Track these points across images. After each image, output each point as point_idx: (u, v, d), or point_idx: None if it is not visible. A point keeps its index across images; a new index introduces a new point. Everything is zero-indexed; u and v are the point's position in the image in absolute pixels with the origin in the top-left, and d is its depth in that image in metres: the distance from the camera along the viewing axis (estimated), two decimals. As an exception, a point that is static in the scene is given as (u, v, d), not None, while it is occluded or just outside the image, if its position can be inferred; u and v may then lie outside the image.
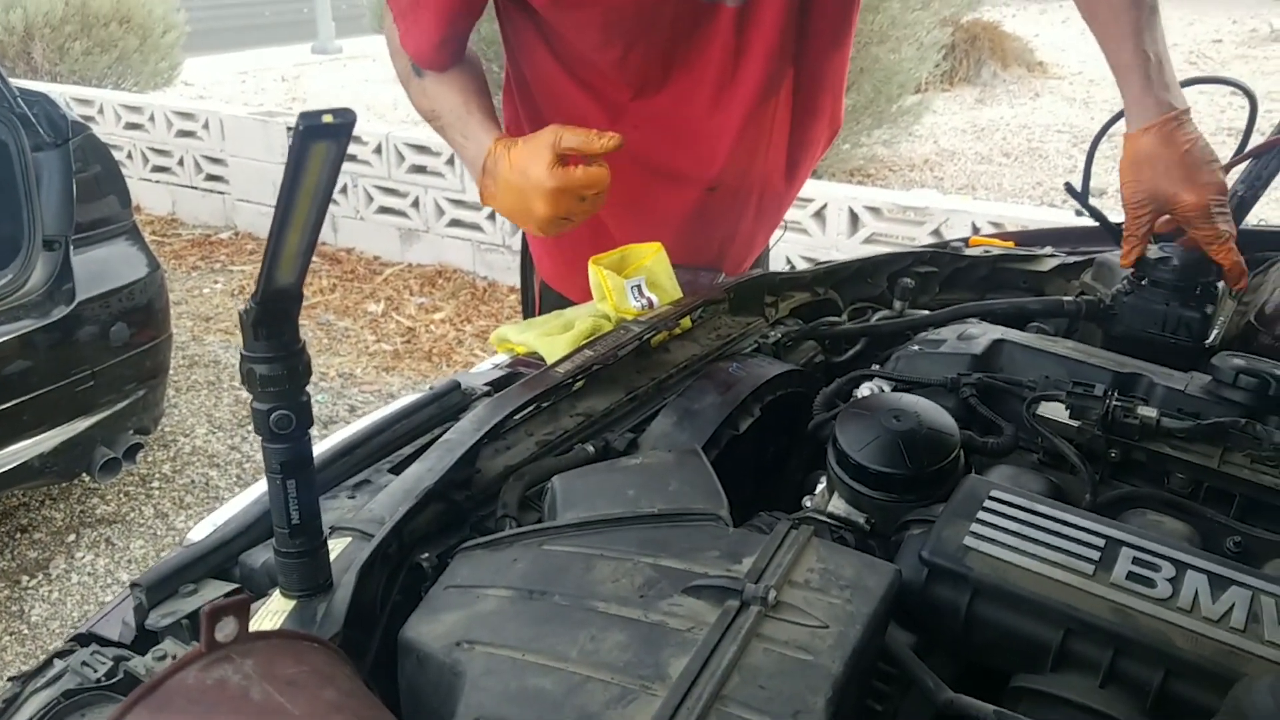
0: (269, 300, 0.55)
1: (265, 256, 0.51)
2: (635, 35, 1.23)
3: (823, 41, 1.31)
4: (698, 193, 1.36)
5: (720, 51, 1.25)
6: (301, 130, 0.45)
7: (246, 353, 0.58)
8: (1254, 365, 0.87)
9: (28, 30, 6.93)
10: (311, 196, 0.48)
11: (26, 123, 2.40)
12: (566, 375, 0.95)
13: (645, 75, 1.28)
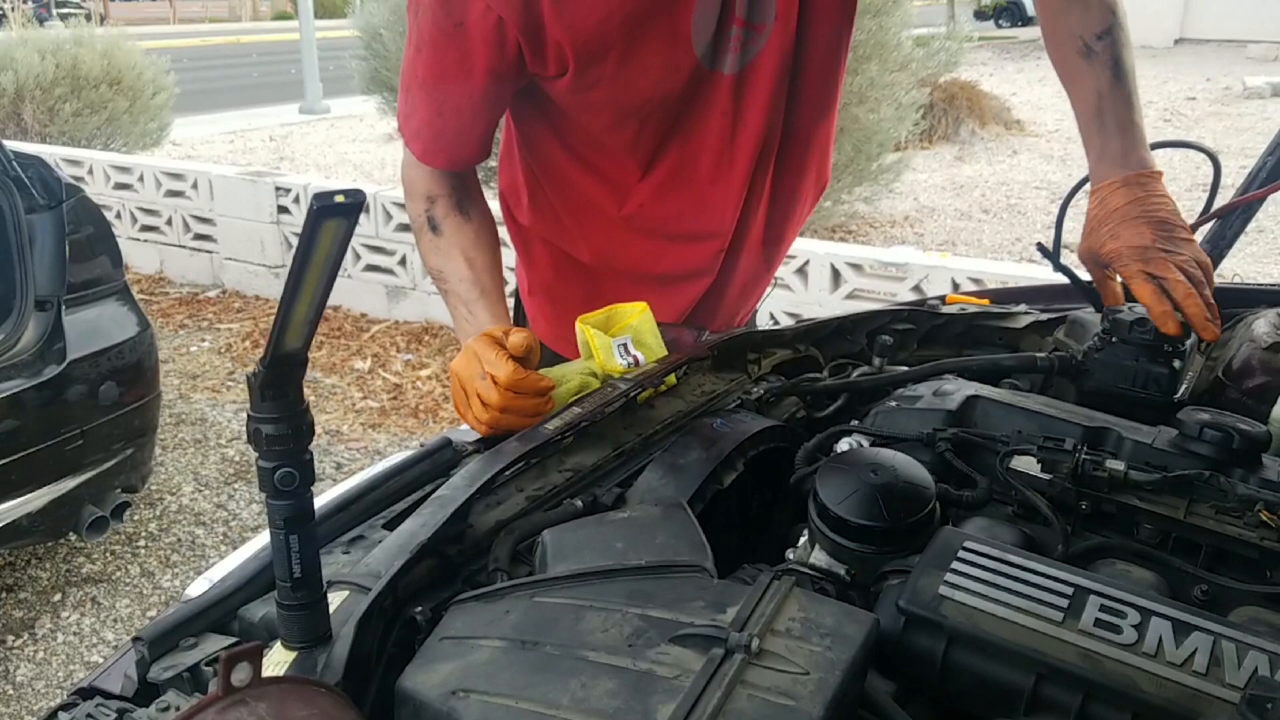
0: (276, 364, 0.58)
1: (275, 323, 0.54)
2: (647, 113, 1.27)
3: (810, 106, 1.36)
4: (701, 257, 1.40)
5: (720, 119, 1.30)
6: (315, 209, 0.48)
7: (254, 413, 0.61)
8: (1218, 420, 0.91)
9: (18, 92, 7.01)
10: (321, 269, 0.51)
11: (21, 185, 2.44)
12: (556, 432, 0.98)
13: (652, 152, 1.32)
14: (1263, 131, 9.30)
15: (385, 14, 5.25)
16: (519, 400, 1.09)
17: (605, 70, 1.22)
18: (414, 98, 1.27)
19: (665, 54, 1.23)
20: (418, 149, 1.30)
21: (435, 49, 1.21)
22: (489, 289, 1.27)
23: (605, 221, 1.40)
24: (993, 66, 15.71)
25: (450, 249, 1.29)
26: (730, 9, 1.23)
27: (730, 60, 1.26)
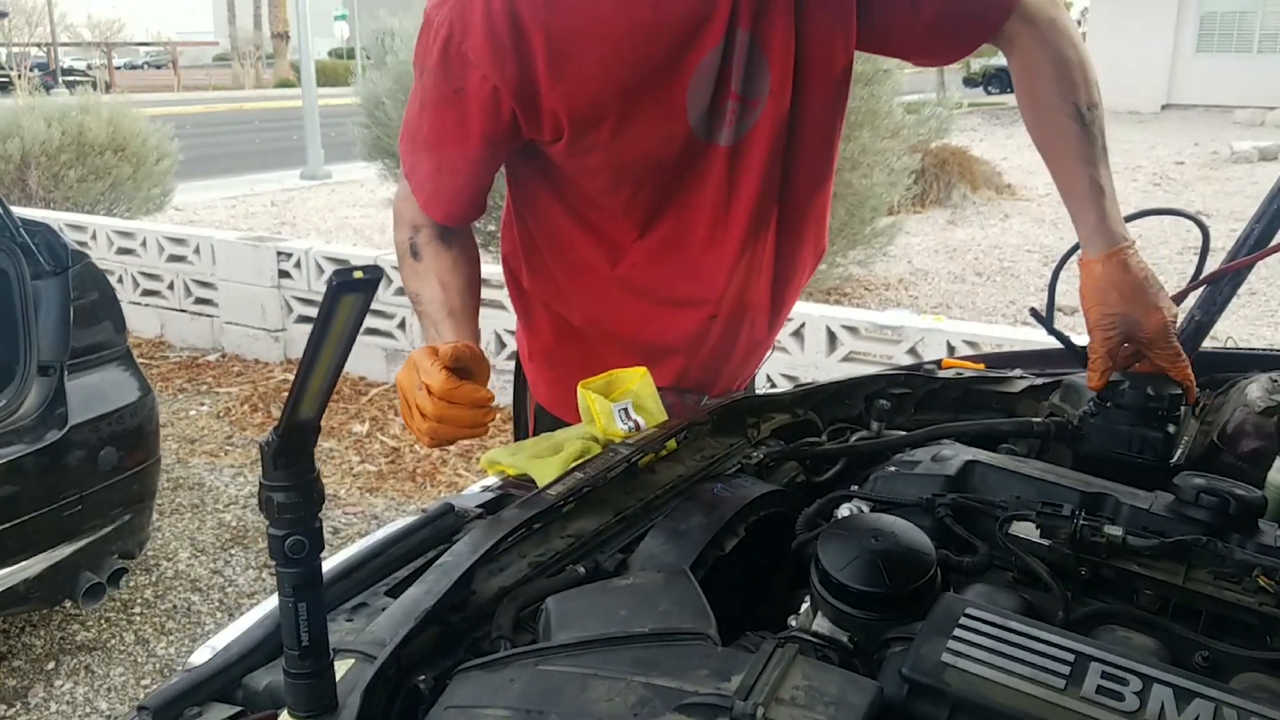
0: (290, 433, 0.59)
1: (290, 394, 0.56)
2: (642, 177, 1.31)
3: (806, 176, 1.39)
4: (697, 321, 1.42)
5: (715, 188, 1.33)
6: (335, 284, 0.50)
7: (265, 481, 0.62)
8: (1214, 485, 0.92)
9: (24, 158, 7.10)
10: (337, 342, 0.53)
11: (28, 251, 2.46)
12: (558, 498, 0.98)
13: (649, 214, 1.35)
14: (1251, 195, 9.42)
15: (387, 83, 5.34)
16: (454, 410, 1.13)
17: (600, 137, 1.26)
18: (419, 152, 1.32)
19: (660, 124, 1.27)
20: (421, 199, 1.35)
21: (436, 110, 1.27)
22: (457, 310, 1.31)
23: (598, 281, 1.42)
24: (983, 132, 15.94)
25: (427, 273, 1.34)
26: (725, 83, 1.26)
27: (725, 133, 1.29)
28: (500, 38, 1.18)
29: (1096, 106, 1.28)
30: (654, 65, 1.23)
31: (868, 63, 5.29)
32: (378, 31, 5.82)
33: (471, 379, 1.17)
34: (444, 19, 1.20)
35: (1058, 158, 1.29)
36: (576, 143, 1.26)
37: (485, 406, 1.15)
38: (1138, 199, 9.63)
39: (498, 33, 1.18)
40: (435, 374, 1.13)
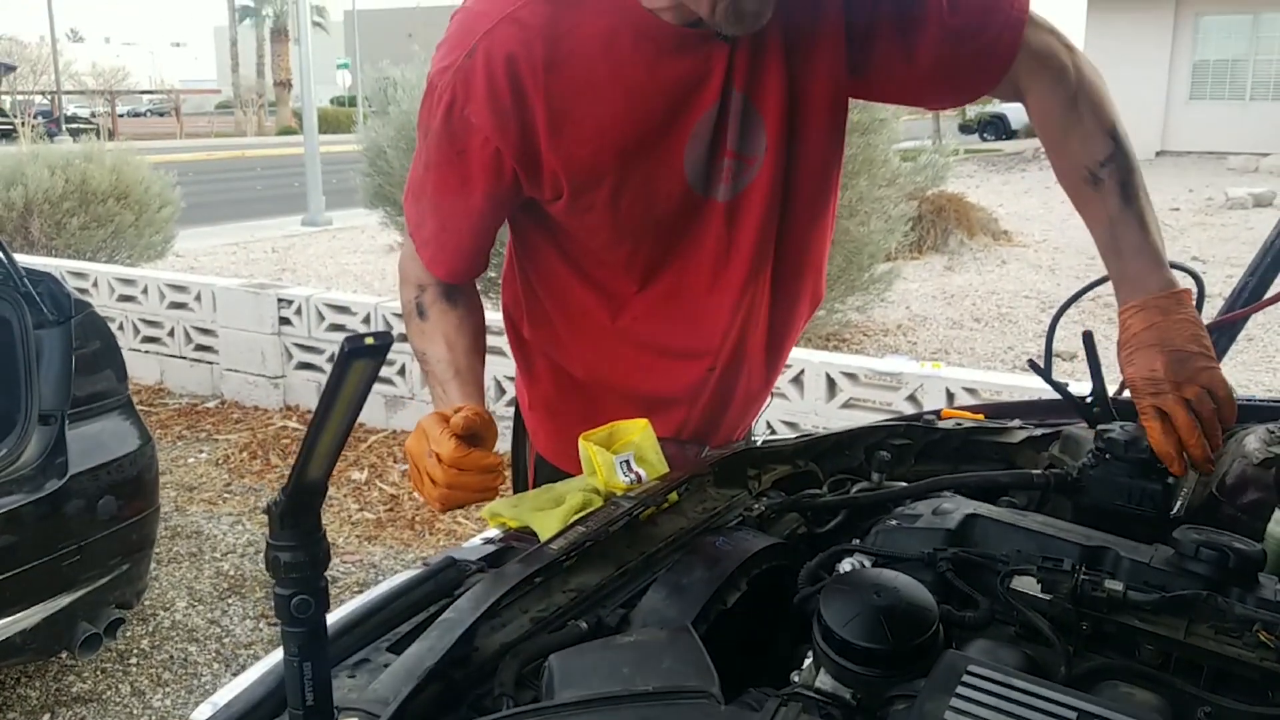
0: (298, 494, 0.59)
1: (299, 455, 0.56)
2: (642, 233, 1.33)
3: (802, 230, 1.41)
4: (697, 373, 1.43)
5: (714, 242, 1.35)
6: (347, 350, 0.51)
7: (272, 541, 0.62)
8: (1213, 538, 0.92)
9: (27, 206, 7.15)
10: (347, 405, 0.54)
11: (31, 301, 2.48)
12: (560, 552, 0.99)
13: (649, 268, 1.37)
14: (1247, 241, 9.49)
15: (390, 133, 5.40)
16: (464, 477, 1.16)
17: (600, 196, 1.28)
18: (424, 211, 1.35)
19: (658, 182, 1.29)
20: (426, 257, 1.37)
21: (440, 171, 1.29)
22: (463, 369, 1.33)
23: (600, 333, 1.43)
24: (979, 179, 16.08)
25: (434, 333, 1.36)
26: (721, 142, 1.28)
27: (722, 189, 1.31)
28: (501, 102, 1.21)
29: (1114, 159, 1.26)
30: (652, 126, 1.25)
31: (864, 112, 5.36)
32: (381, 81, 5.90)
33: (481, 444, 1.19)
34: (447, 84, 1.23)
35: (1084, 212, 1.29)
36: (576, 201, 1.28)
37: (495, 472, 1.17)
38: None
39: (499, 97, 1.21)
40: (445, 442, 1.15)
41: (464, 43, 1.22)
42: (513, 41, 1.20)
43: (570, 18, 1.21)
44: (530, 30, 1.20)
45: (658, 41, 1.21)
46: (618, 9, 1.21)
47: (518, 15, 1.20)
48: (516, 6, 1.20)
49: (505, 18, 1.20)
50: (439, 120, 1.25)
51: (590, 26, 1.21)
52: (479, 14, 1.23)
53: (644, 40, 1.21)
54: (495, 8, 1.21)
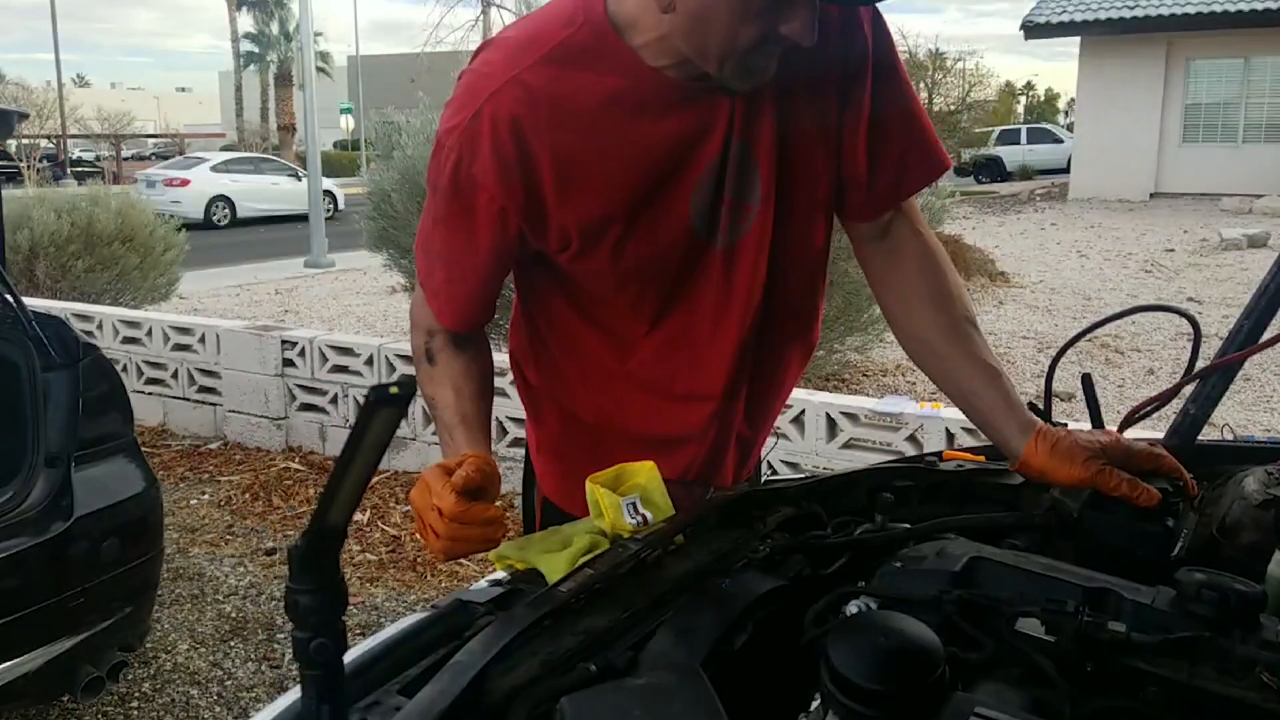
0: (318, 538, 0.61)
1: (321, 500, 0.58)
2: (648, 279, 1.36)
3: (794, 278, 1.44)
4: (702, 415, 1.45)
5: (715, 286, 1.37)
6: (372, 398, 0.53)
7: (292, 585, 0.64)
8: (1214, 580, 0.93)
9: (33, 249, 7.19)
10: (370, 452, 0.55)
11: (39, 344, 2.50)
12: (569, 595, 1.00)
13: (656, 311, 1.40)
14: (1242, 282, 9.53)
15: (394, 177, 5.45)
16: (465, 530, 1.18)
17: (607, 245, 1.31)
18: (433, 262, 1.38)
19: (665, 230, 1.32)
20: (436, 307, 1.40)
21: (447, 226, 1.33)
22: (470, 416, 1.35)
23: (607, 376, 1.45)
24: (975, 220, 16.17)
25: (442, 378, 1.38)
26: (721, 188, 1.31)
27: (721, 236, 1.34)
28: (507, 162, 1.24)
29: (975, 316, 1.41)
30: (658, 178, 1.28)
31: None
32: (384, 127, 5.96)
33: (484, 495, 1.21)
34: (454, 144, 1.26)
35: (962, 358, 1.37)
36: (584, 251, 1.32)
37: (496, 524, 1.19)
38: (1130, 285, 9.74)
39: (504, 158, 1.23)
40: (446, 497, 1.17)
41: (470, 104, 1.25)
42: (518, 103, 1.23)
43: (575, 78, 1.23)
44: (535, 92, 1.23)
45: (663, 97, 1.24)
46: (623, 68, 1.23)
47: (522, 77, 1.23)
48: (521, 69, 1.23)
49: (510, 80, 1.23)
50: (446, 177, 1.28)
51: (596, 85, 1.24)
52: (485, 75, 1.26)
53: (650, 97, 1.24)
54: (500, 69, 1.24)
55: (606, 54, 1.23)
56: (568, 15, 1.25)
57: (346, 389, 4.99)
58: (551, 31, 1.25)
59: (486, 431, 1.37)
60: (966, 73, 26.35)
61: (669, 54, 1.22)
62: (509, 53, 1.26)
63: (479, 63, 1.30)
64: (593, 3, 1.24)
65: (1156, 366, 6.44)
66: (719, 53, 1.17)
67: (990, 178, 28.50)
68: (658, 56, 1.23)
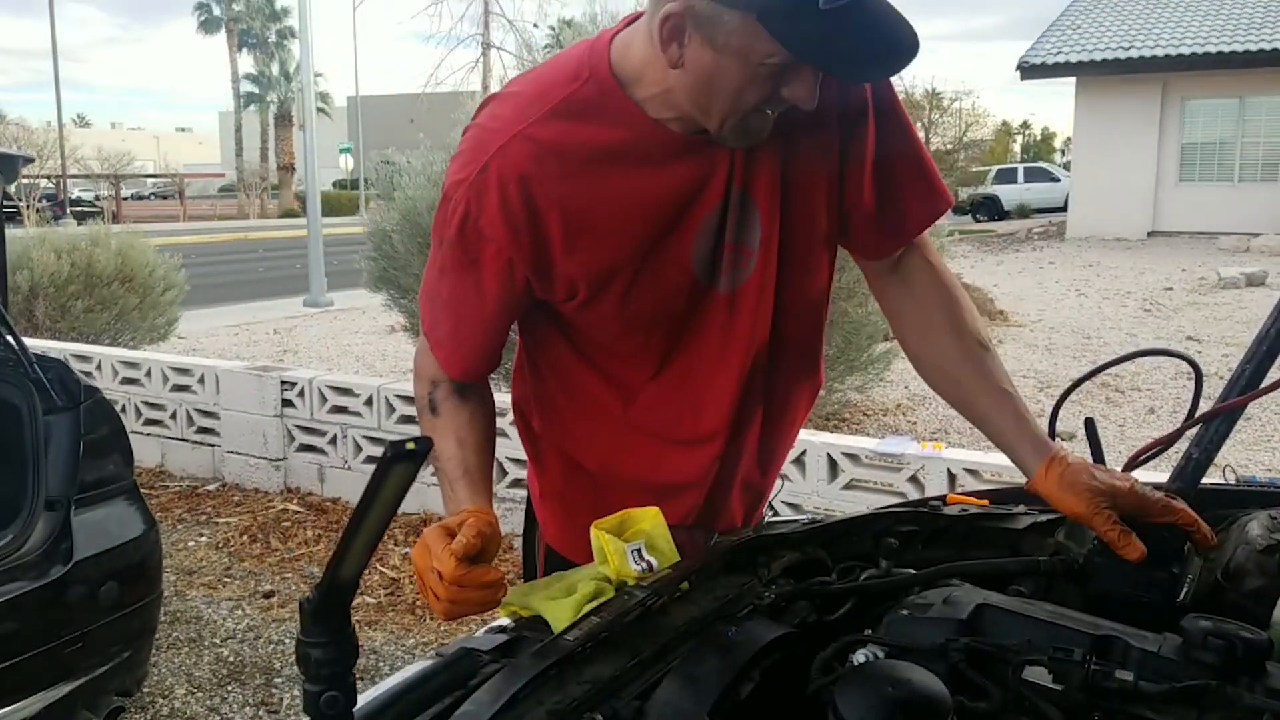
0: (330, 592, 0.61)
1: (334, 554, 0.58)
2: (652, 325, 1.38)
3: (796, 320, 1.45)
4: (704, 459, 1.45)
5: (717, 331, 1.39)
6: (389, 456, 0.53)
7: (303, 638, 0.64)
8: (1220, 627, 0.93)
9: (32, 289, 7.21)
10: (384, 507, 0.56)
11: (40, 387, 2.50)
12: (575, 643, 1.00)
13: (659, 357, 1.41)
14: (1241, 320, 9.56)
15: (395, 217, 5.48)
16: (466, 593, 1.19)
17: (613, 293, 1.33)
18: (439, 313, 1.39)
19: (668, 277, 1.34)
20: (441, 357, 1.40)
21: (454, 278, 1.34)
22: (472, 468, 1.36)
23: (611, 423, 1.46)
24: (973, 259, 16.25)
25: (445, 429, 1.39)
26: (722, 234, 1.33)
27: (724, 281, 1.36)
28: (515, 216, 1.26)
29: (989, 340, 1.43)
30: (663, 226, 1.30)
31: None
32: (384, 167, 6.01)
33: (484, 555, 1.22)
34: (461, 197, 1.27)
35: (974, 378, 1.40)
36: (590, 300, 1.33)
37: (496, 586, 1.21)
38: (1129, 324, 9.76)
39: (512, 211, 1.25)
40: (448, 562, 1.18)
41: (477, 158, 1.27)
42: (525, 158, 1.25)
43: (581, 131, 1.26)
44: (542, 146, 1.25)
45: (666, 149, 1.27)
46: (627, 121, 1.26)
47: (529, 132, 1.25)
48: (528, 123, 1.25)
49: (517, 135, 1.25)
50: (454, 230, 1.29)
51: (601, 138, 1.26)
52: (492, 130, 1.28)
53: (653, 149, 1.27)
54: (507, 125, 1.27)
55: (611, 108, 1.26)
56: (573, 70, 1.28)
57: (346, 429, 4.98)
58: (558, 87, 1.27)
59: (488, 482, 1.38)
60: (963, 112, 26.55)
61: (672, 107, 1.24)
62: (516, 107, 1.28)
63: (486, 117, 1.32)
64: (598, 57, 1.27)
65: (1157, 406, 6.44)
66: (721, 113, 1.20)
67: (988, 216, 28.67)
68: (661, 109, 1.25)
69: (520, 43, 27.33)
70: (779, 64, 1.13)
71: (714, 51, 1.13)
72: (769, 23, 1.08)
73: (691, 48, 1.15)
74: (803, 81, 1.16)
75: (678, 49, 1.15)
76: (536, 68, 1.39)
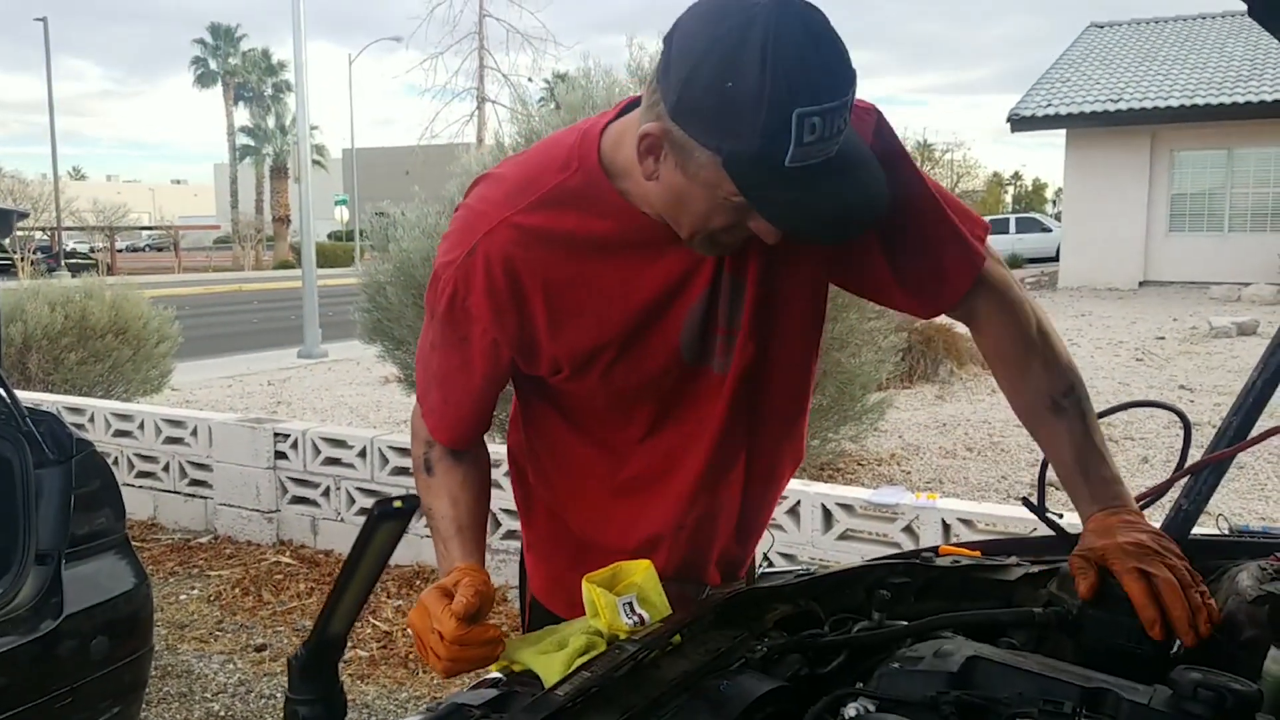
0: (319, 648, 0.61)
1: (323, 610, 0.59)
2: (639, 400, 1.39)
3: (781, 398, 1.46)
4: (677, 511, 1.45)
5: (705, 405, 1.40)
6: (376, 514, 0.54)
7: (292, 694, 0.64)
8: (1210, 679, 0.93)
9: (25, 342, 7.21)
10: (372, 564, 0.56)
11: (32, 440, 2.50)
12: (567, 698, 0.99)
13: (648, 428, 1.42)
14: (1233, 369, 9.59)
15: (390, 269, 5.51)
16: (467, 651, 1.21)
17: (597, 370, 1.35)
18: (430, 382, 1.43)
19: (654, 358, 1.36)
20: (431, 424, 1.44)
21: (443, 352, 1.38)
22: (465, 527, 1.38)
23: (597, 486, 1.48)
24: (968, 308, 16.27)
25: (440, 489, 1.42)
26: (713, 319, 1.34)
27: (718, 362, 1.37)
28: (500, 299, 1.29)
29: (1075, 390, 1.36)
30: (649, 313, 1.32)
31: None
32: (379, 220, 6.05)
33: (481, 614, 1.24)
34: (450, 277, 1.31)
35: (1047, 440, 1.38)
36: (574, 376, 1.36)
37: (495, 643, 1.23)
38: (1122, 374, 9.79)
39: (498, 292, 1.29)
40: (448, 623, 1.21)
41: (465, 241, 1.30)
42: (511, 245, 1.28)
43: (567, 220, 1.28)
44: (529, 234, 1.28)
45: (652, 239, 1.28)
46: (614, 212, 1.28)
47: (515, 219, 1.28)
48: (514, 210, 1.28)
49: (504, 220, 1.28)
50: (443, 308, 1.33)
51: (588, 228, 1.28)
52: (480, 214, 1.31)
53: (640, 239, 1.29)
54: (496, 209, 1.30)
55: (598, 198, 1.28)
56: (563, 160, 1.30)
57: (339, 481, 4.97)
58: (547, 175, 1.29)
59: (482, 541, 1.40)
60: (955, 164, 26.74)
61: (651, 208, 1.26)
62: (506, 193, 1.31)
63: (475, 199, 1.35)
64: (588, 149, 1.29)
65: (1150, 455, 6.44)
66: (690, 229, 1.22)
67: (980, 266, 28.75)
68: (644, 205, 1.27)
69: (515, 97, 27.65)
70: (743, 203, 1.13)
71: (685, 177, 1.14)
72: (732, 168, 1.08)
73: (665, 167, 1.16)
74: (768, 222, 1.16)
75: (653, 164, 1.17)
76: (528, 151, 1.41)
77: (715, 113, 1.06)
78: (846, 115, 1.07)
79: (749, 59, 1.03)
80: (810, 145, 1.04)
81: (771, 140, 1.04)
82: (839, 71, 1.06)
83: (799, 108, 1.02)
